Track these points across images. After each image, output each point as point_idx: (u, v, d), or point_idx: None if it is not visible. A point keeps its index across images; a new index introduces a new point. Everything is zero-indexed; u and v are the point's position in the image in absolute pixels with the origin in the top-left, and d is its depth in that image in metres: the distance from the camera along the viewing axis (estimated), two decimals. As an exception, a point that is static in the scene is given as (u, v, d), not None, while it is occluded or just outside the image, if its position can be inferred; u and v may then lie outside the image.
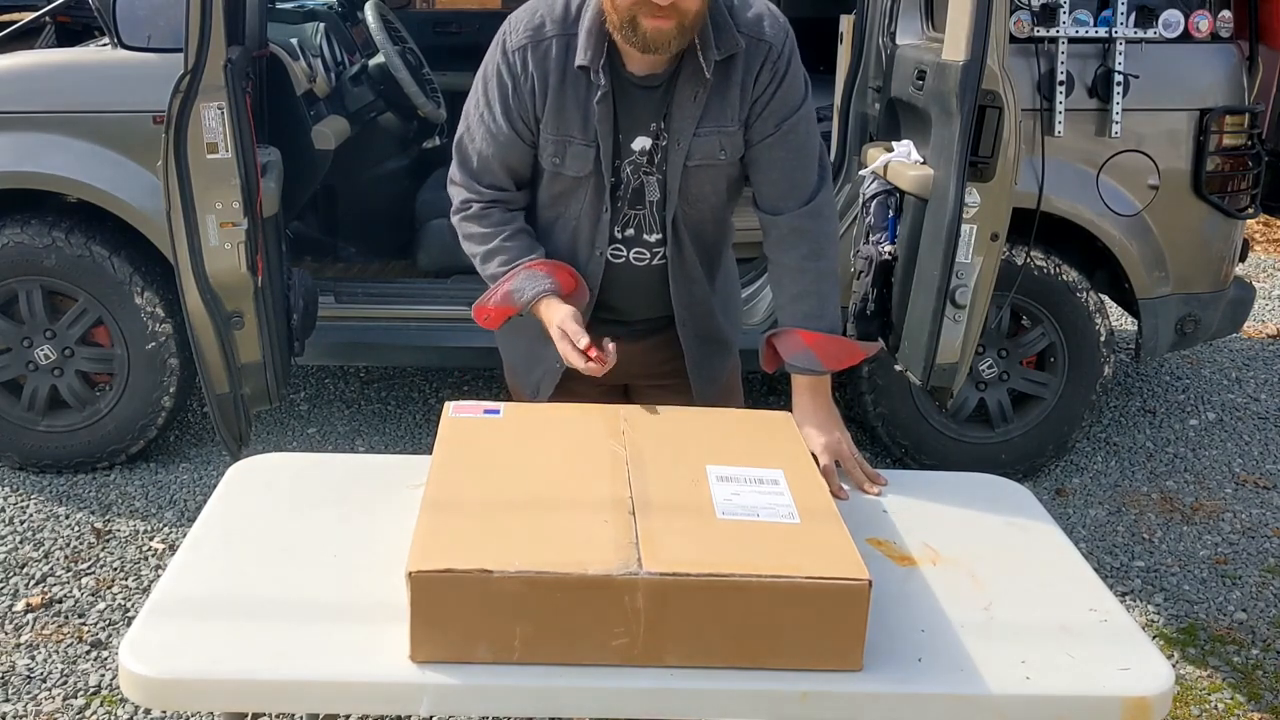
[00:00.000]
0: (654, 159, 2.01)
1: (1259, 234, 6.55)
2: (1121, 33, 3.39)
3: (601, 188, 2.01)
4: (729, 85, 1.97)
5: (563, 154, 2.00)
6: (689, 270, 2.12)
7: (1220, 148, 3.51)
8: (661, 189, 2.04)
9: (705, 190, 2.06)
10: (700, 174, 2.03)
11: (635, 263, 2.10)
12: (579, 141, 1.98)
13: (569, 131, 1.98)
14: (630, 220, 2.07)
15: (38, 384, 3.61)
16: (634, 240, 2.08)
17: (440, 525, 1.51)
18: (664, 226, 2.07)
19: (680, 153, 2.00)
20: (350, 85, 4.20)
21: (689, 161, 2.00)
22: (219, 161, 3.02)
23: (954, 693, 1.44)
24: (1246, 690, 2.79)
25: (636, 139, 2.00)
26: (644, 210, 2.06)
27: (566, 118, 1.97)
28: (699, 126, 1.98)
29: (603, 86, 1.93)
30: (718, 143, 2.00)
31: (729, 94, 1.97)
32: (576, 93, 1.96)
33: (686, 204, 2.06)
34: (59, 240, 3.45)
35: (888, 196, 3.21)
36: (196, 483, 3.62)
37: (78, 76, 3.52)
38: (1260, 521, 3.58)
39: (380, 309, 3.77)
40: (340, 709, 1.47)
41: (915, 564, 1.70)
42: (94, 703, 2.64)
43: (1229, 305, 3.79)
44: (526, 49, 1.95)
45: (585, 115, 1.97)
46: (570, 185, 2.03)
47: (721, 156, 2.02)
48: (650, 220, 2.07)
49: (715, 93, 1.97)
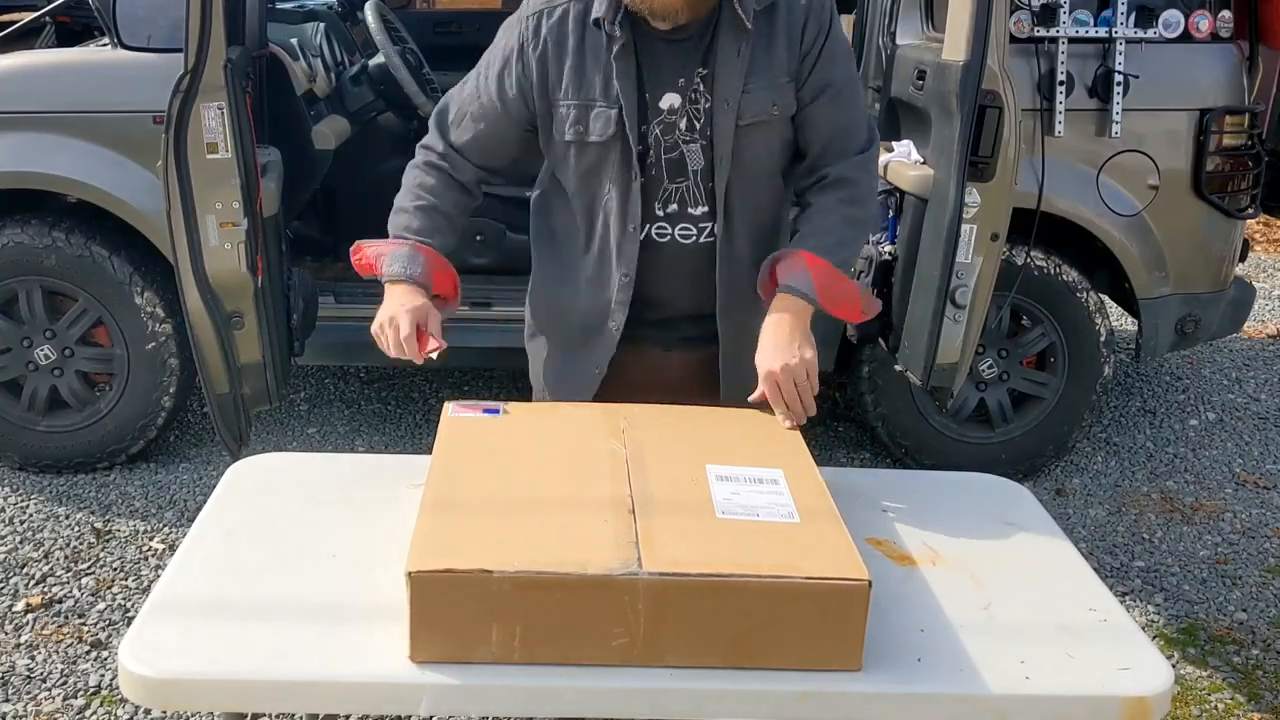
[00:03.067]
0: (695, 124, 1.90)
1: (1259, 234, 6.55)
2: (1121, 33, 3.39)
3: (628, 154, 1.91)
4: (774, 35, 1.87)
5: (585, 119, 1.90)
6: (738, 251, 1.99)
7: (1220, 148, 3.52)
8: (707, 156, 1.92)
9: (760, 153, 1.94)
10: (753, 135, 1.91)
11: (681, 240, 1.98)
12: (600, 104, 1.89)
13: (589, 95, 1.89)
14: (672, 195, 1.95)
15: (38, 384, 3.60)
16: (678, 216, 1.97)
17: (440, 525, 1.51)
18: (711, 198, 1.95)
19: (729, 114, 1.88)
20: (350, 85, 4.19)
21: (740, 121, 1.89)
22: (219, 161, 3.02)
23: (954, 693, 1.44)
24: (1246, 690, 2.79)
25: (664, 96, 1.89)
26: (686, 182, 1.94)
27: (587, 80, 1.89)
28: (748, 82, 1.87)
29: (619, 39, 1.85)
30: (770, 98, 1.89)
31: (775, 45, 1.87)
32: (596, 51, 1.88)
33: (739, 171, 1.93)
34: (59, 240, 3.45)
35: (888, 196, 3.22)
36: (196, 483, 3.62)
37: (78, 76, 3.52)
38: (1260, 521, 3.58)
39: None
40: (340, 709, 1.47)
41: (915, 564, 1.70)
42: (94, 703, 2.64)
43: (1229, 305, 3.80)
44: (541, 15, 1.90)
45: (605, 73, 1.88)
46: (597, 157, 1.93)
47: (775, 112, 1.90)
48: (695, 192, 1.95)
49: (759, 44, 1.87)
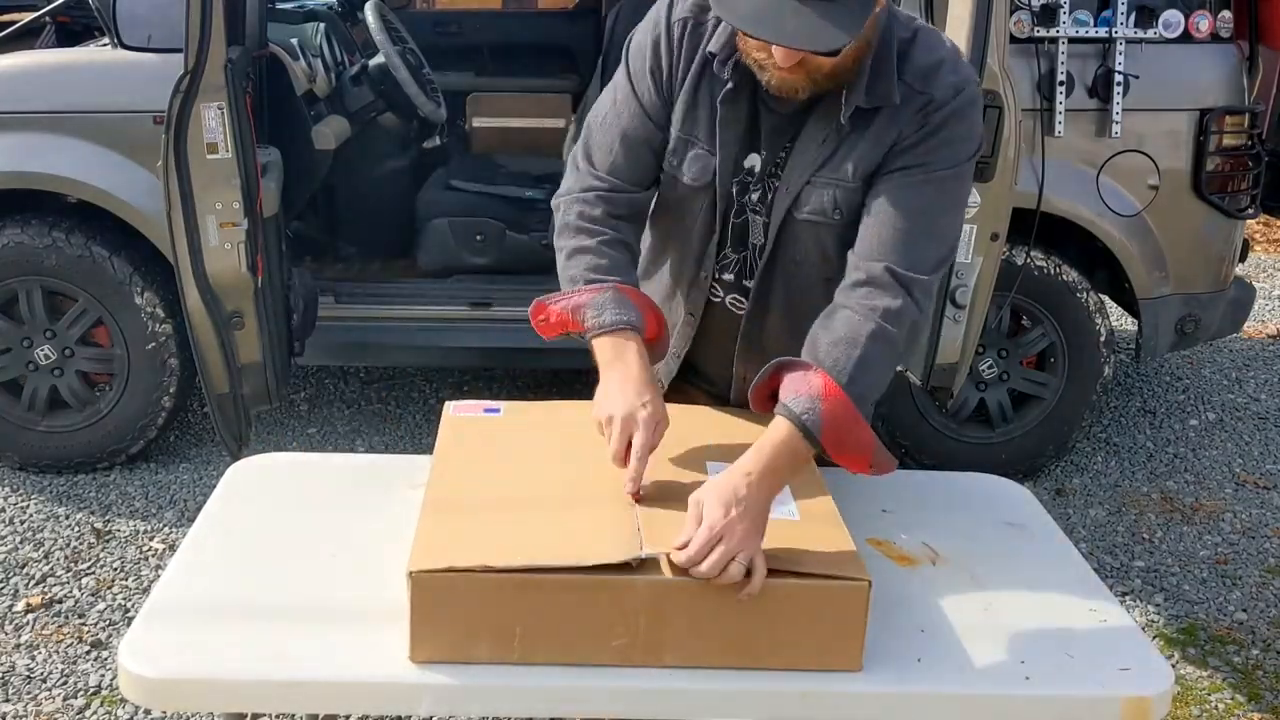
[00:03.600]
0: (766, 196, 1.75)
1: (1259, 234, 6.55)
2: (1121, 33, 3.39)
3: (713, 206, 1.76)
4: (867, 137, 1.66)
5: (682, 155, 1.76)
6: (766, 339, 1.83)
7: (1220, 148, 3.52)
8: (764, 234, 1.76)
9: (810, 252, 1.75)
10: (806, 231, 1.73)
11: (732, 308, 1.84)
12: (701, 145, 1.74)
13: (693, 131, 1.74)
14: (732, 263, 1.81)
15: (38, 384, 3.60)
16: (734, 285, 1.83)
17: (440, 525, 1.51)
18: (757, 276, 1.79)
19: (786, 197, 1.72)
20: (350, 85, 4.19)
21: (795, 212, 1.72)
22: (219, 161, 3.03)
23: (954, 693, 1.44)
24: (1246, 690, 2.79)
25: (750, 156, 1.75)
26: (746, 253, 1.80)
27: (695, 116, 1.74)
28: (815, 173, 1.69)
29: (727, 84, 1.68)
30: (832, 197, 1.69)
31: (860, 145, 1.66)
32: (711, 86, 1.72)
33: (785, 263, 1.76)
34: (59, 240, 3.45)
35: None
36: (196, 483, 3.62)
37: (78, 76, 3.52)
38: (1260, 521, 3.58)
39: (380, 309, 3.78)
40: (340, 709, 1.47)
41: (915, 564, 1.70)
42: (94, 703, 2.64)
43: (1229, 305, 3.80)
44: (688, 23, 1.72)
45: (711, 115, 1.72)
46: (686, 196, 1.78)
47: (836, 217, 1.70)
48: (753, 266, 1.80)
49: (849, 143, 1.67)
